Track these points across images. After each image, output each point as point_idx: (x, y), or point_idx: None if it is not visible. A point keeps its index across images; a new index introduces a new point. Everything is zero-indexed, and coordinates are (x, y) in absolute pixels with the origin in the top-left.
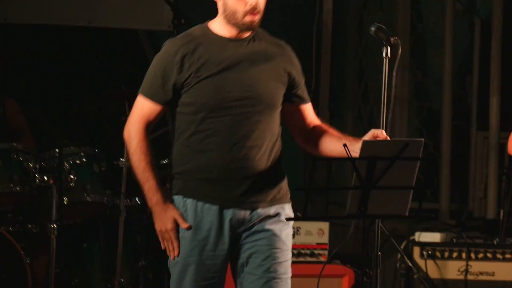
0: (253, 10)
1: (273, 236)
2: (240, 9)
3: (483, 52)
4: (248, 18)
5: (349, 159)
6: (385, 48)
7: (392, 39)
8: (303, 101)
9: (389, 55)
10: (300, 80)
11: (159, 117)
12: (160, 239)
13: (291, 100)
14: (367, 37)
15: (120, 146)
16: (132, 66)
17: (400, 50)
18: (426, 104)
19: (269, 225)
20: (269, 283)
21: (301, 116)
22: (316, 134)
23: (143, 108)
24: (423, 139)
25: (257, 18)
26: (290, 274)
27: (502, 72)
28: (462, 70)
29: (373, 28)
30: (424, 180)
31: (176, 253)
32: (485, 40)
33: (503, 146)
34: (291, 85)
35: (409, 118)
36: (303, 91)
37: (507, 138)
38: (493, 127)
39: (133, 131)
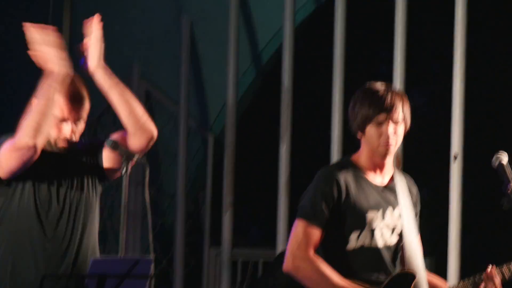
0: None
1: None
2: None
3: (216, 168)
4: None
5: (77, 277)
6: (124, 164)
7: (138, 158)
8: None
9: (128, 171)
10: None
11: None
12: None
13: None
14: None
15: None
16: None
17: (148, 169)
18: (160, 220)
19: None
20: None
21: None
22: None
23: None
24: (152, 257)
25: None
26: None
27: (235, 187)
28: (196, 186)
29: (108, 144)
30: None
31: None
32: (218, 157)
33: (235, 263)
34: None
35: (142, 234)
36: None
37: (239, 253)
38: (226, 243)
39: None
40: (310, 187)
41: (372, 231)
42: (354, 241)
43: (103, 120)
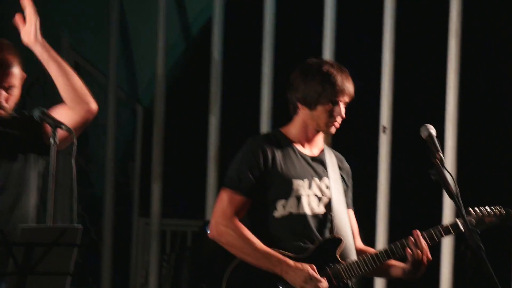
0: None
1: None
2: None
3: (145, 139)
4: None
5: (5, 244)
6: (52, 133)
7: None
8: None
9: (57, 141)
10: None
11: None
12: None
13: None
14: None
15: None
16: None
17: (75, 139)
18: (88, 190)
19: None
20: None
21: None
22: None
23: None
24: (80, 226)
25: None
26: None
27: (164, 158)
28: (125, 157)
29: (37, 113)
30: (84, 266)
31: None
32: (148, 127)
33: (164, 232)
34: None
35: (71, 204)
36: None
37: (168, 224)
38: (155, 213)
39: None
40: (237, 156)
41: (298, 199)
42: (281, 208)
43: (33, 91)
